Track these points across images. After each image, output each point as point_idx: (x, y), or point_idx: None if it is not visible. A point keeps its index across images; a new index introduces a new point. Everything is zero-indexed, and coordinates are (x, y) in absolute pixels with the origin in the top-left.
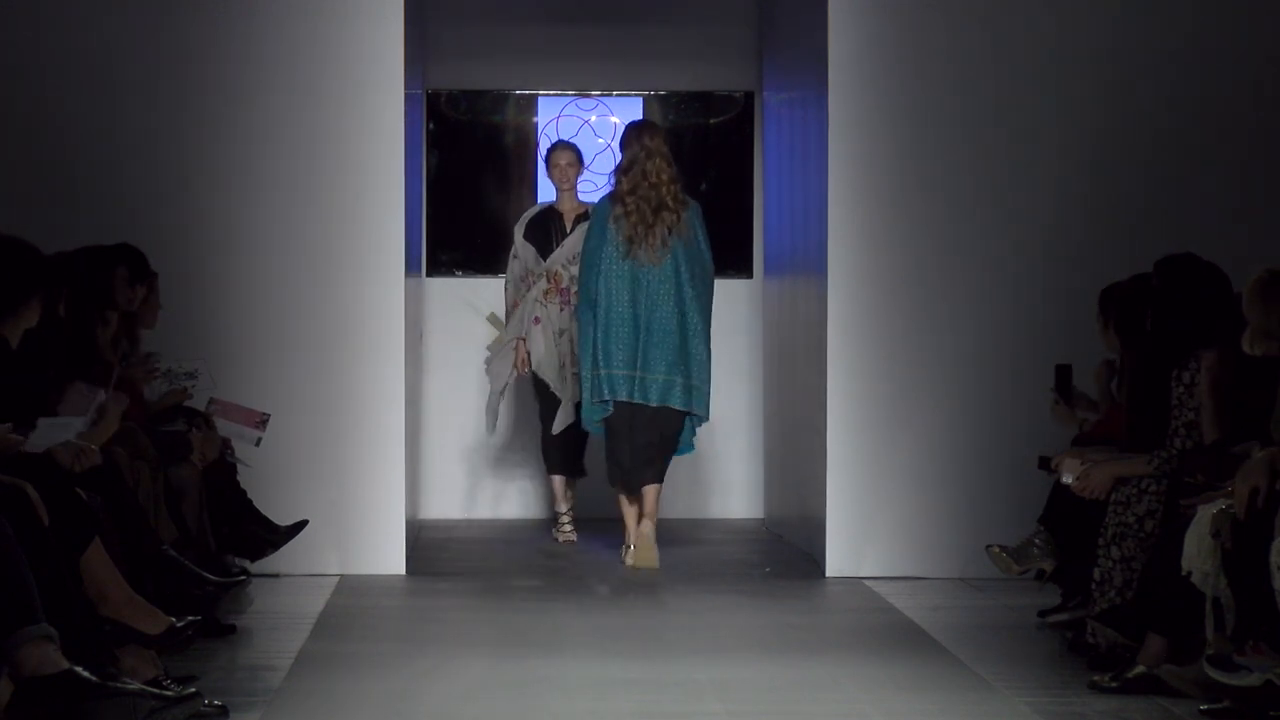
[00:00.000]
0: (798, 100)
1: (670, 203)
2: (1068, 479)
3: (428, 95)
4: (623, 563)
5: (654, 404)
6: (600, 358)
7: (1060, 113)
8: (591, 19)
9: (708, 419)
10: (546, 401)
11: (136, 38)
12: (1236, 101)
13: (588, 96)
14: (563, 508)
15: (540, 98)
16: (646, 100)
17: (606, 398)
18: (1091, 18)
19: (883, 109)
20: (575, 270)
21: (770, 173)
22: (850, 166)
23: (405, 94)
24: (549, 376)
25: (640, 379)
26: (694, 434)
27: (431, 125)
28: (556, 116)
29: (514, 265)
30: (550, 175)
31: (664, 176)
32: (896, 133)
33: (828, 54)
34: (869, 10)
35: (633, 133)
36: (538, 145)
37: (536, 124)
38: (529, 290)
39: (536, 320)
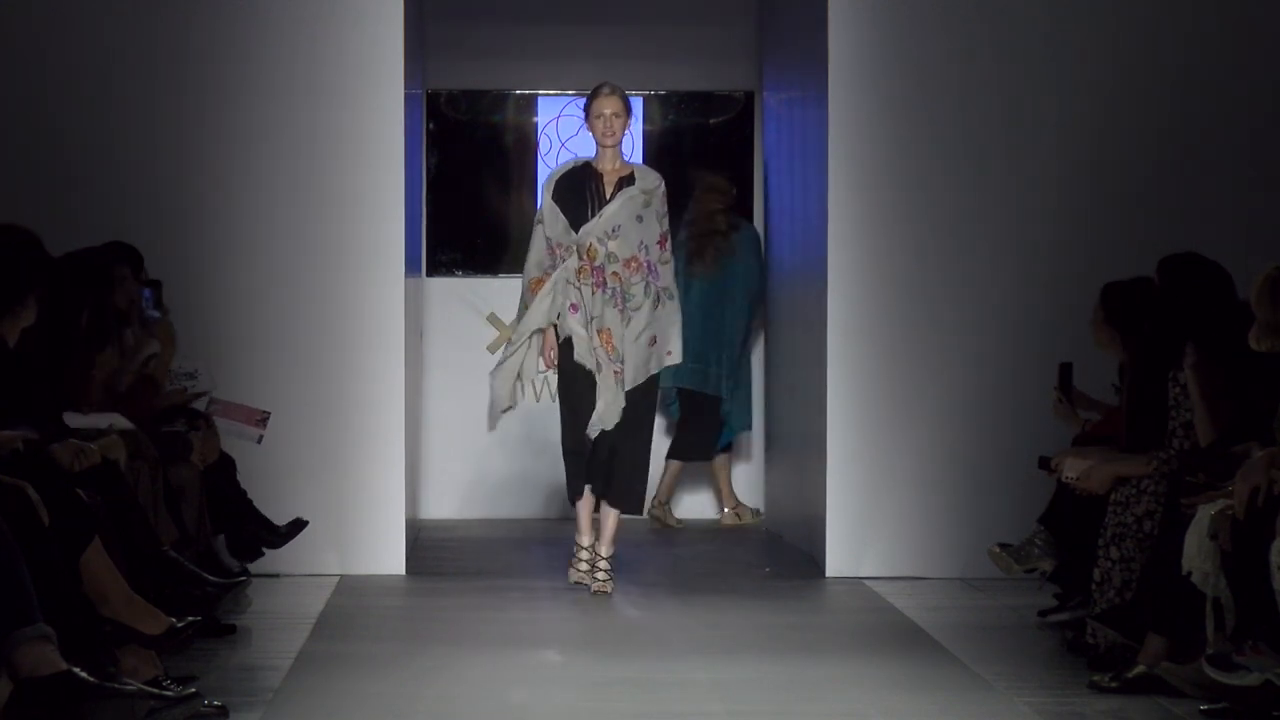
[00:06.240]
0: (798, 100)
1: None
2: (1070, 475)
3: (428, 95)
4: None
5: None
6: None
7: (1060, 112)
8: (591, 19)
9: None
10: (574, 403)
11: (136, 38)
12: (1240, 100)
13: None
14: (586, 540)
15: (540, 98)
16: (647, 100)
17: None
18: (1092, 17)
19: (882, 109)
20: (613, 246)
21: (770, 173)
22: (850, 166)
23: (405, 94)
24: (590, 364)
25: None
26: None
27: (431, 125)
28: (556, 116)
29: (537, 234)
30: (591, 127)
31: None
32: (896, 133)
33: (828, 54)
34: (869, 10)
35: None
36: (538, 145)
37: (536, 124)
38: (557, 268)
39: (574, 308)
